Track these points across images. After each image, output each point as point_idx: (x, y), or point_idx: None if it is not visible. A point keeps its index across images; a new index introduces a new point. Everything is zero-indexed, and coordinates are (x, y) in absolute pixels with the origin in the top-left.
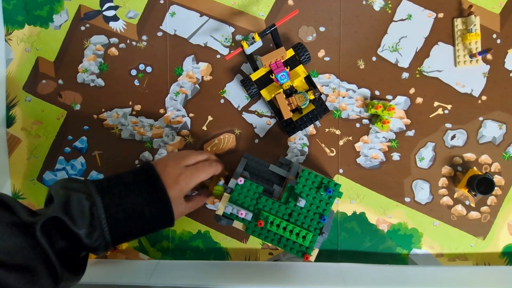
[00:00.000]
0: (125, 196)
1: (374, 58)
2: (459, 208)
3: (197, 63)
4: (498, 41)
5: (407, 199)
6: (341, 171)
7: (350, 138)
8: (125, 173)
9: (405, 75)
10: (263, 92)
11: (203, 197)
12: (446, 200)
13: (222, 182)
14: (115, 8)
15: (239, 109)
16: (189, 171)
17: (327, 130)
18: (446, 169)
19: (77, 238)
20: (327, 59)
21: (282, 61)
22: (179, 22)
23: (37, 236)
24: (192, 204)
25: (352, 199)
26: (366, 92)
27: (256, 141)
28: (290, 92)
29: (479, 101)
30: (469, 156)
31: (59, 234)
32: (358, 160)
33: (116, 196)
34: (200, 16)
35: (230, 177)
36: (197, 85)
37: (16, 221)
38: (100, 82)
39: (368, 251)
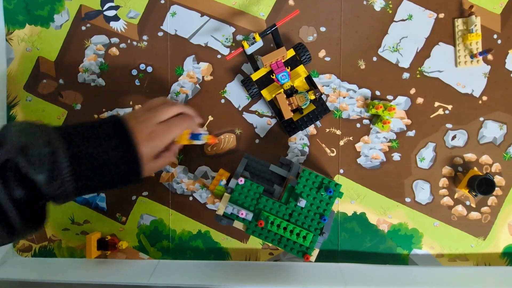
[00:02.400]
0: (93, 147)
1: (374, 58)
2: (460, 208)
3: (198, 63)
4: (499, 41)
5: (408, 199)
6: (341, 171)
7: (351, 138)
8: (91, 123)
9: (406, 75)
10: (264, 92)
11: (171, 153)
12: (447, 200)
13: (223, 182)
14: (116, 8)
15: (240, 109)
16: (162, 128)
17: (327, 130)
18: (446, 170)
19: (35, 186)
20: (327, 59)
21: (283, 61)
22: (180, 22)
23: None
24: (161, 161)
25: (352, 199)
26: (367, 92)
27: (257, 141)
28: (291, 92)
29: (480, 102)
30: (470, 156)
31: (15, 181)
32: (359, 160)
33: (82, 145)
34: (201, 16)
35: (231, 177)
36: (197, 85)
37: None
38: (101, 82)
39: (368, 251)
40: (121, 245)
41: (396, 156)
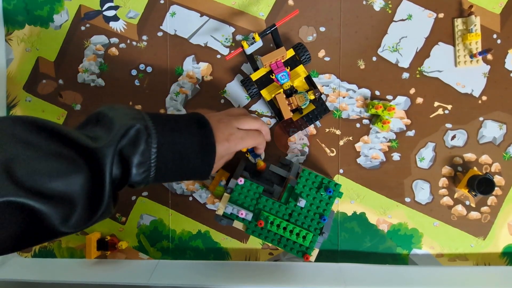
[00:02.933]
0: (178, 137)
1: (374, 58)
2: (459, 208)
3: (198, 63)
4: (499, 41)
5: (407, 199)
6: (341, 171)
7: (350, 138)
8: (176, 115)
9: (406, 75)
10: (263, 92)
11: (230, 156)
12: (446, 200)
13: (223, 182)
14: (116, 8)
15: None
16: (241, 134)
17: (327, 130)
18: (446, 169)
19: (128, 168)
20: (327, 59)
21: (283, 61)
22: (180, 22)
23: (104, 162)
24: (222, 161)
25: (352, 199)
26: (367, 92)
27: None
28: (291, 92)
29: (480, 101)
30: (470, 156)
31: (118, 158)
32: (358, 160)
33: (168, 135)
34: (201, 16)
35: (231, 177)
36: (197, 85)
37: (73, 147)
38: (101, 82)
39: (368, 251)
40: (121, 245)
41: (395, 156)
